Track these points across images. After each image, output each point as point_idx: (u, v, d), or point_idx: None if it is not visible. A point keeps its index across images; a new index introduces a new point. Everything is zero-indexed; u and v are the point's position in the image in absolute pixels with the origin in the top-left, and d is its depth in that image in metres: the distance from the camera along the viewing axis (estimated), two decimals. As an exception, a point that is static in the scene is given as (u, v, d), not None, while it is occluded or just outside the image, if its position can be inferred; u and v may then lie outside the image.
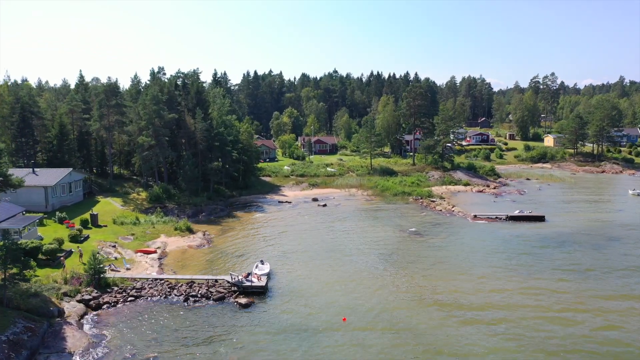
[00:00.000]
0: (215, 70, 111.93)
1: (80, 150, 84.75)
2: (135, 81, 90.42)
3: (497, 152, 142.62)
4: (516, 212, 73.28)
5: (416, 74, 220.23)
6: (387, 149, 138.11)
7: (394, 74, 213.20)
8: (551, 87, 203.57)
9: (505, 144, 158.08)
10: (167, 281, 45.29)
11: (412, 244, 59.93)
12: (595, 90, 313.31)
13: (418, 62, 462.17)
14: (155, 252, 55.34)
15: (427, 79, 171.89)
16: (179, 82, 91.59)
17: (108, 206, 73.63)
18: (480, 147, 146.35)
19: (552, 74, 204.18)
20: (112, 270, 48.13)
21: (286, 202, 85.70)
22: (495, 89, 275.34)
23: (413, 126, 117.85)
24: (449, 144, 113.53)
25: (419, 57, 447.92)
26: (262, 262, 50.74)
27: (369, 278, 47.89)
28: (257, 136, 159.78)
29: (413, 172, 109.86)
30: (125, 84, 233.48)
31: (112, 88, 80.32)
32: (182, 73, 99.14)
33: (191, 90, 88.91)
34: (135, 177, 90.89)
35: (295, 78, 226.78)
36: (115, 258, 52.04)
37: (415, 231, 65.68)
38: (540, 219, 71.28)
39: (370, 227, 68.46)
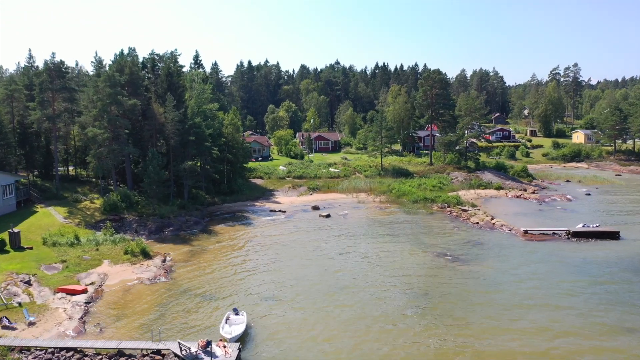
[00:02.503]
0: (196, 51, 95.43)
1: (21, 146, 67.62)
2: (97, 63, 73.08)
3: (522, 150, 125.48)
4: (579, 227, 56.17)
5: (425, 65, 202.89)
6: (397, 147, 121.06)
7: (401, 65, 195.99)
8: (574, 78, 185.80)
9: (530, 140, 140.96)
10: (81, 352, 28.21)
11: (450, 276, 42.86)
12: (609, 85, 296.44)
13: (424, 54, 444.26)
14: (84, 291, 38.21)
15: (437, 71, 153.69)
16: (147, 63, 74.36)
17: (46, 219, 56.53)
18: (502, 144, 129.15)
19: (575, 64, 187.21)
20: (4, 327, 31.18)
21: (280, 211, 68.56)
22: (507, 83, 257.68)
23: (431, 119, 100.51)
24: (474, 140, 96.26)
25: (425, 49, 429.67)
26: (235, 311, 33.68)
27: (396, 335, 31.16)
28: (251, 132, 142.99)
29: (431, 173, 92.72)
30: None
31: (57, 67, 63.07)
32: (156, 54, 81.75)
33: (162, 72, 71.78)
34: (95, 179, 73.74)
35: (294, 71, 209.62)
36: (19, 304, 34.89)
37: (451, 254, 48.57)
38: (613, 235, 54.18)
39: (389, 248, 51.29)
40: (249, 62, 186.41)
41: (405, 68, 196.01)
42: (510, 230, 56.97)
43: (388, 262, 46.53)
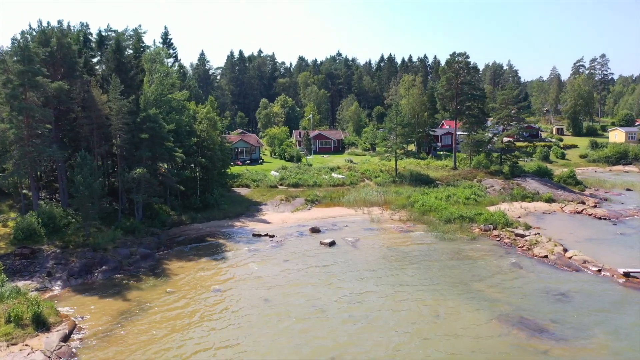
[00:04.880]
0: (165, 27, 77.21)
1: None
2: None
3: (555, 151, 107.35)
4: None
5: (435, 57, 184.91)
6: (411, 147, 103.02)
7: (410, 57, 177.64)
8: (602, 72, 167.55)
9: (561, 140, 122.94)
10: None
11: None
12: (628, 81, 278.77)
13: (431, 47, 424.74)
14: None
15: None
16: (92, 37, 56.56)
17: None
18: (531, 144, 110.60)
19: (602, 55, 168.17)
20: None
21: (266, 235, 50.55)
22: (522, 78, 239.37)
23: (456, 113, 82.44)
24: (510, 139, 78.21)
25: (432, 42, 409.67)
26: None
27: None
28: (241, 130, 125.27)
29: (458, 180, 74.75)
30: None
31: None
32: (113, 31, 63.95)
33: (109, 49, 53.92)
34: (13, 192, 55.17)
35: (291, 64, 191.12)
36: None
37: (526, 318, 30.73)
38: None
39: (425, 305, 33.40)
40: (240, 52, 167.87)
41: (414, 60, 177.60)
42: (599, 270, 38.96)
43: (427, 335, 28.72)
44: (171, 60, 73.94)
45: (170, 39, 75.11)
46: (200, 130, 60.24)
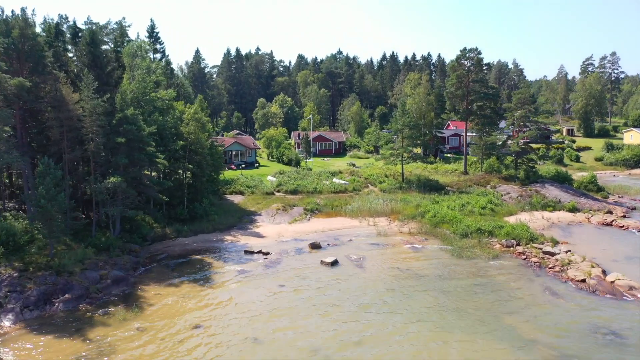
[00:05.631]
0: (152, 20, 71.81)
1: None
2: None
3: (569, 153, 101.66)
4: None
5: (439, 55, 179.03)
6: (417, 150, 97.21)
7: (413, 55, 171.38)
8: (612, 70, 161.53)
9: (573, 141, 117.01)
10: None
11: None
12: (635, 81, 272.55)
13: (434, 46, 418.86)
14: None
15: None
16: (65, 29, 50.74)
17: None
18: (543, 146, 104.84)
19: (613, 53, 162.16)
20: None
21: (260, 252, 44.63)
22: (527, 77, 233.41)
23: (466, 114, 76.54)
24: (527, 142, 72.34)
25: (435, 41, 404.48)
26: None
27: None
28: (238, 132, 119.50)
29: (469, 186, 69.19)
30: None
31: None
32: (94, 24, 58.40)
33: (82, 41, 48.05)
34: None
35: (290, 62, 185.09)
36: None
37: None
38: None
39: (445, 345, 27.57)
40: (237, 50, 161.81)
41: (417, 58, 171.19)
42: (649, 299, 33.14)
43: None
44: (158, 56, 68.20)
45: (157, 33, 69.16)
46: (187, 132, 54.35)
